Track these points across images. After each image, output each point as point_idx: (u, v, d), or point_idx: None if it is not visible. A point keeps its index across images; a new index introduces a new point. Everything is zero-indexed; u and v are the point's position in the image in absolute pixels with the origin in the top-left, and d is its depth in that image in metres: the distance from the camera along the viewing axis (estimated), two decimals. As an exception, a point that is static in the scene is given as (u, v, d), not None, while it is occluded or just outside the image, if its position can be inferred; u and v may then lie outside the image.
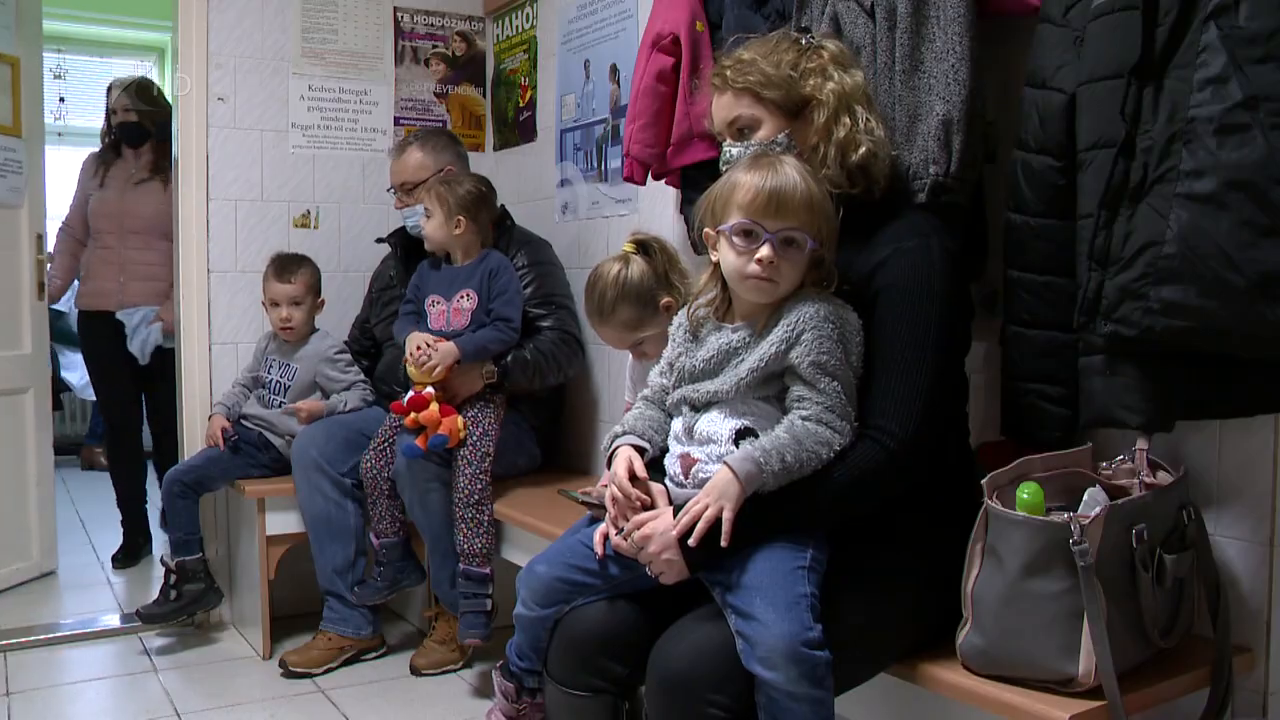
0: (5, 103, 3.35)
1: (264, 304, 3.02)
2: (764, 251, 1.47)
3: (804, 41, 1.66)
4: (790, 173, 1.48)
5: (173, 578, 2.87)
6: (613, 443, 1.65)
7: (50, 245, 3.71)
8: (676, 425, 1.59)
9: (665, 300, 2.02)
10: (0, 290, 3.40)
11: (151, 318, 3.62)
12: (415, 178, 2.91)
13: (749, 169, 1.50)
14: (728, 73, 1.64)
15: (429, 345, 2.57)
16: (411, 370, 2.59)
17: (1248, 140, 1.32)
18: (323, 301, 3.04)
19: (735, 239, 1.49)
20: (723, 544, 1.44)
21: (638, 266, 2.06)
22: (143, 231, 3.65)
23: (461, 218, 2.65)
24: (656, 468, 1.62)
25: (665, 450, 1.62)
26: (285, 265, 2.97)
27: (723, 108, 1.66)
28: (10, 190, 3.39)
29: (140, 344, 3.59)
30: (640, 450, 1.62)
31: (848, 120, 1.59)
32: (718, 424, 1.51)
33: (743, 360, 1.51)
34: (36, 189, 3.52)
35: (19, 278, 3.46)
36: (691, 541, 1.45)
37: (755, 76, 1.61)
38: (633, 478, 1.58)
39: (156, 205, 3.61)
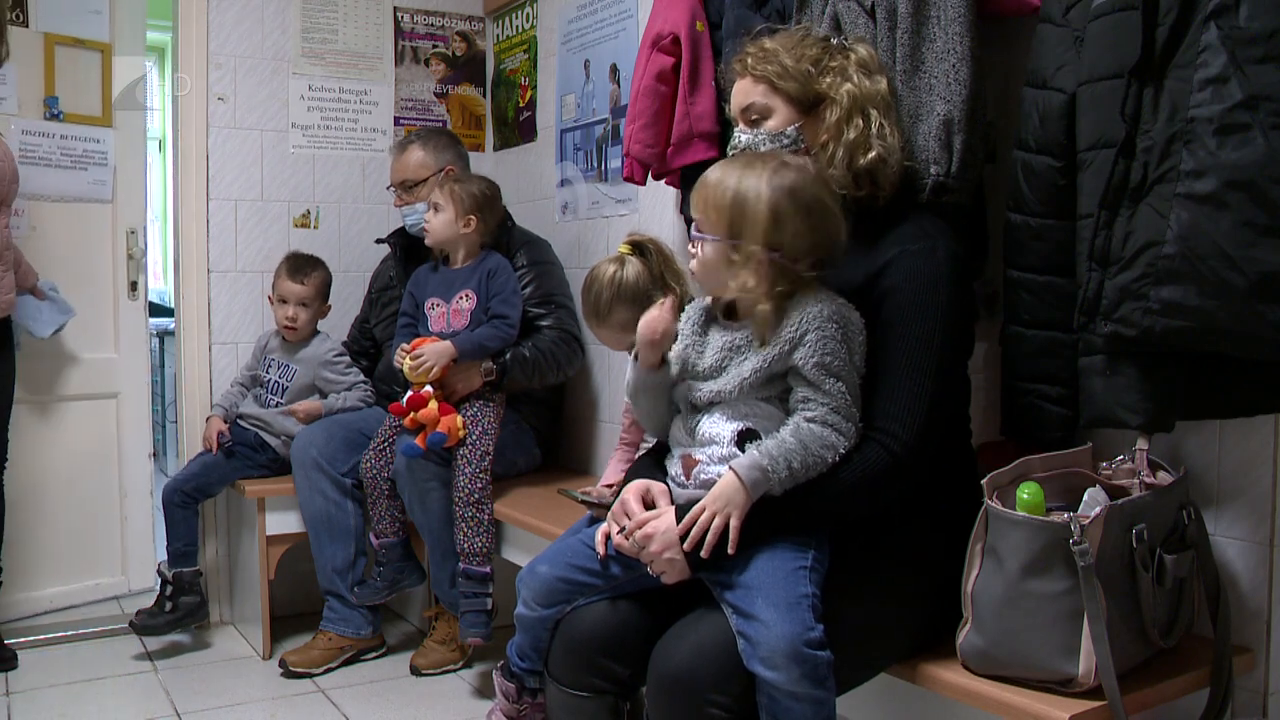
0: (94, 92, 3.16)
1: (271, 299, 3.02)
2: (696, 250, 1.52)
3: (834, 41, 1.67)
4: (730, 174, 1.49)
5: (169, 588, 2.86)
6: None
7: (144, 241, 3.33)
8: (678, 426, 1.59)
9: (661, 301, 2.01)
10: (85, 289, 3.14)
11: None
12: (416, 176, 2.92)
13: (715, 166, 1.54)
14: (749, 59, 1.65)
15: (406, 350, 2.58)
16: (408, 371, 2.59)
17: (1248, 140, 1.32)
18: (329, 306, 3.04)
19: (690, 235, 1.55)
20: (730, 552, 1.44)
21: (633, 268, 2.06)
22: None
23: (473, 217, 2.67)
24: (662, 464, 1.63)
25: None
26: (299, 265, 2.97)
27: (739, 93, 1.67)
28: (94, 184, 3.16)
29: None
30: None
31: (860, 123, 1.59)
32: (719, 425, 1.51)
33: (745, 360, 1.50)
34: (131, 182, 3.26)
35: (106, 276, 3.22)
36: (704, 554, 1.45)
37: (774, 66, 1.62)
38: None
39: None
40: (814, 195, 1.48)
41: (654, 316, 1.58)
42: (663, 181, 2.39)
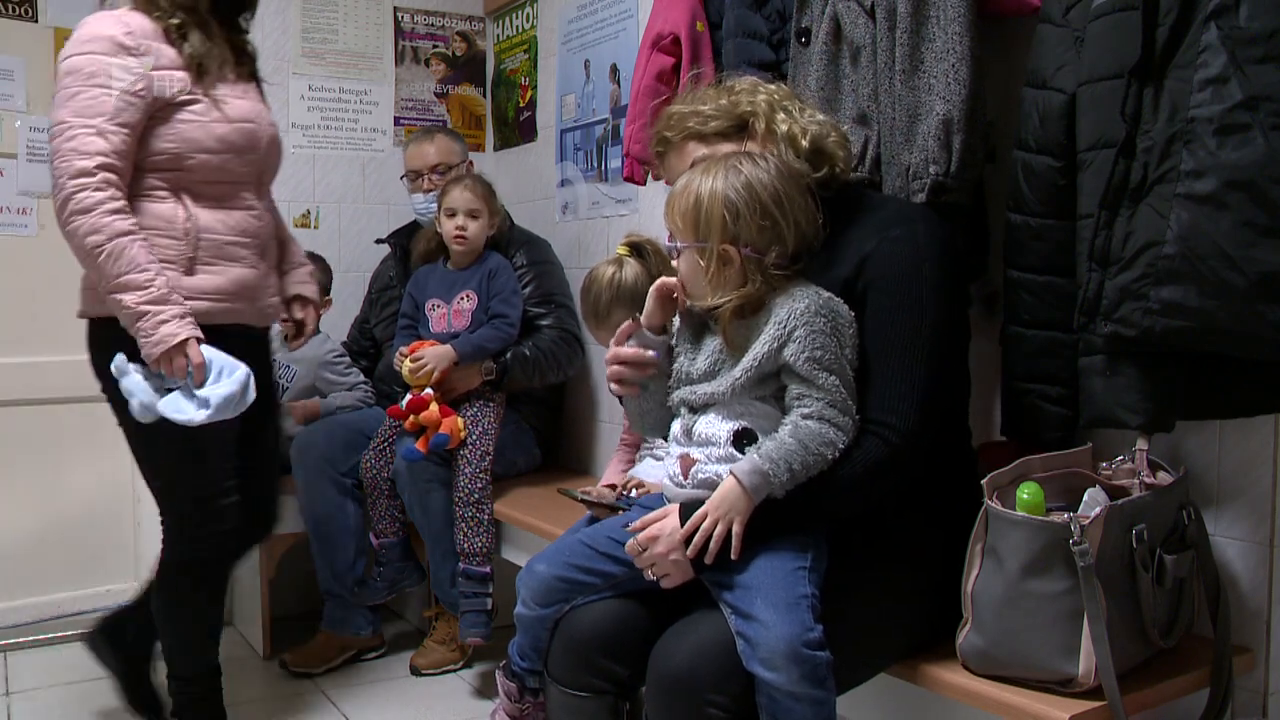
0: None
1: None
2: (676, 261, 1.53)
3: (720, 82, 1.70)
4: (692, 179, 1.50)
5: None
6: None
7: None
8: (675, 427, 1.59)
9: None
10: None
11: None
12: (449, 160, 2.95)
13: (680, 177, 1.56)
14: (666, 133, 1.67)
15: (404, 354, 2.58)
16: (407, 375, 2.59)
17: (1248, 140, 1.32)
18: (329, 301, 3.03)
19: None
20: (733, 557, 1.44)
21: (632, 269, 2.06)
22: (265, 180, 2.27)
23: (496, 215, 2.72)
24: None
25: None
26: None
27: (678, 167, 1.65)
28: None
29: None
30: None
31: (783, 116, 1.61)
32: (715, 425, 1.51)
33: (736, 361, 1.51)
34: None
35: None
36: (707, 560, 1.45)
37: (692, 121, 1.64)
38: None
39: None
40: (774, 186, 1.48)
41: (671, 279, 1.58)
42: (662, 182, 2.39)
